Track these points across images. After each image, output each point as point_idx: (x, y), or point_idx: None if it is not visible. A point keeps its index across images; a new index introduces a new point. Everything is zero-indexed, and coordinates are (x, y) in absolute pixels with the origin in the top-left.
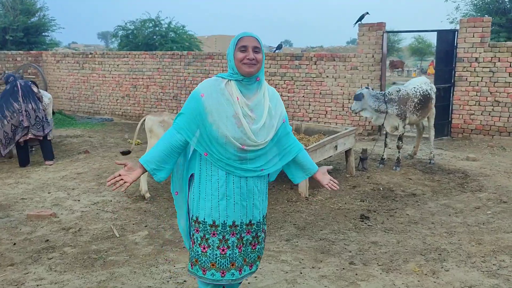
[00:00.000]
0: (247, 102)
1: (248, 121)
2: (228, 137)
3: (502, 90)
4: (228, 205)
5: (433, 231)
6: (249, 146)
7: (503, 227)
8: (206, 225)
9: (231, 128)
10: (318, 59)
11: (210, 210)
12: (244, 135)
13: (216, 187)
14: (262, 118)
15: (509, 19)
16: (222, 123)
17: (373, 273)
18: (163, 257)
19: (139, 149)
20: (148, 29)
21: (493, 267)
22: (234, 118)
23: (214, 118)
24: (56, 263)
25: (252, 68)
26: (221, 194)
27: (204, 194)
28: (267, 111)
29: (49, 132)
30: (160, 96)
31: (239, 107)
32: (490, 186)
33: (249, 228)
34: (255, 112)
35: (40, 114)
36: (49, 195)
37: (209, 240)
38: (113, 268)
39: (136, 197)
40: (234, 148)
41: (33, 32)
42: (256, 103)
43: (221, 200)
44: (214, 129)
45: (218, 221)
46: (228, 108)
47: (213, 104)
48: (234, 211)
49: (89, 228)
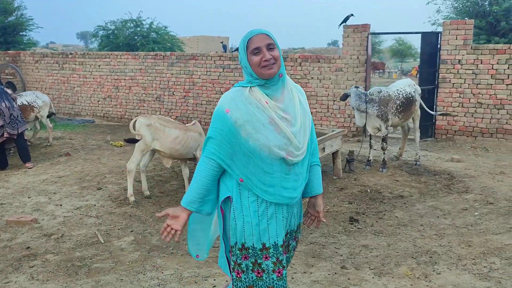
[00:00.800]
0: (277, 105)
1: (286, 124)
2: (271, 148)
3: (484, 92)
4: (277, 224)
5: (422, 234)
6: (293, 157)
7: (491, 228)
8: (256, 250)
9: (271, 137)
10: (303, 61)
11: (258, 235)
12: (287, 140)
13: (264, 208)
14: (298, 118)
15: (488, 22)
16: (259, 134)
17: (366, 277)
18: (150, 264)
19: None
20: (129, 30)
21: (484, 269)
22: (271, 124)
23: (248, 131)
24: (38, 272)
25: (273, 69)
26: (270, 214)
27: (249, 218)
28: (299, 107)
29: (23, 131)
30: (143, 97)
31: (272, 112)
32: (476, 187)
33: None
34: (289, 113)
35: (15, 112)
36: (29, 199)
37: (263, 265)
38: (99, 275)
39: (120, 201)
40: (279, 160)
41: (10, 32)
42: (286, 102)
43: (270, 220)
44: (251, 143)
45: (268, 243)
46: (260, 116)
47: (242, 116)
48: (283, 227)
49: (72, 234)
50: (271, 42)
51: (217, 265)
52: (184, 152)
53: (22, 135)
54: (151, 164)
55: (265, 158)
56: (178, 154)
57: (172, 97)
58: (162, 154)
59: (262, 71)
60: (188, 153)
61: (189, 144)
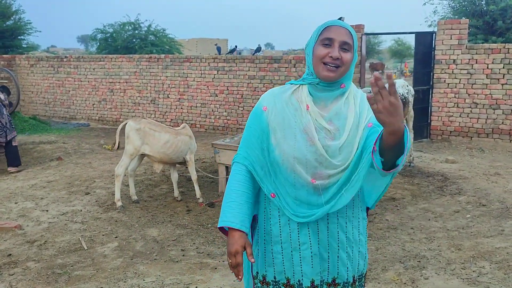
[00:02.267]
0: (321, 112)
1: (325, 136)
2: (292, 162)
3: (480, 92)
4: (303, 258)
5: (412, 237)
6: (324, 178)
7: (483, 231)
8: (280, 284)
9: (299, 146)
10: (297, 62)
11: (281, 266)
12: (317, 156)
13: (287, 233)
14: (345, 131)
15: (486, 22)
16: (286, 143)
17: None
18: (132, 271)
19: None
20: (127, 32)
21: (473, 274)
22: (305, 133)
23: (277, 137)
24: (17, 279)
25: (334, 73)
26: (294, 242)
27: (271, 244)
28: (352, 119)
29: (13, 138)
30: (138, 100)
31: (310, 118)
32: (469, 189)
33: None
34: (335, 124)
35: (3, 120)
36: (16, 205)
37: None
38: (78, 283)
39: (107, 206)
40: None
41: (8, 36)
42: (335, 111)
43: (294, 251)
44: (277, 154)
45: (293, 280)
46: (295, 120)
47: (276, 118)
48: (312, 266)
49: (55, 240)
50: (348, 42)
51: (200, 271)
52: (175, 156)
53: (10, 142)
54: (141, 168)
55: (288, 176)
56: (168, 159)
57: (167, 100)
58: (152, 158)
59: (320, 68)
60: (179, 157)
61: (179, 148)
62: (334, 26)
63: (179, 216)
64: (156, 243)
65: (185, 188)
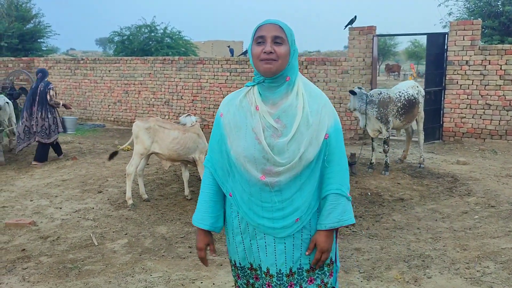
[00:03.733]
0: (270, 110)
1: (272, 134)
2: (242, 161)
3: (493, 93)
4: (260, 247)
5: (418, 237)
6: (271, 175)
7: (489, 232)
8: (245, 269)
9: (248, 146)
10: (309, 63)
11: (243, 253)
12: (264, 153)
13: (245, 225)
14: (293, 127)
15: (501, 22)
16: (237, 144)
17: (354, 280)
18: (140, 266)
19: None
20: (143, 35)
21: (477, 273)
22: (253, 133)
23: (231, 139)
24: (30, 273)
25: (271, 65)
26: (251, 233)
27: (234, 234)
28: (300, 117)
29: (55, 139)
30: (152, 102)
31: (259, 118)
32: (479, 190)
33: (291, 279)
34: (283, 121)
35: (47, 122)
36: (31, 202)
37: (255, 285)
38: (88, 278)
39: (119, 204)
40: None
41: (28, 39)
42: (284, 109)
43: (252, 240)
44: (231, 154)
45: (255, 264)
46: (245, 122)
47: (230, 122)
48: (266, 255)
49: (67, 236)
50: (279, 36)
51: (205, 268)
52: (183, 153)
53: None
54: (153, 168)
55: (243, 173)
56: (177, 156)
57: (181, 101)
58: (161, 156)
59: (258, 64)
60: (187, 154)
61: (187, 144)
62: (265, 25)
63: (188, 215)
64: (164, 240)
65: (196, 187)
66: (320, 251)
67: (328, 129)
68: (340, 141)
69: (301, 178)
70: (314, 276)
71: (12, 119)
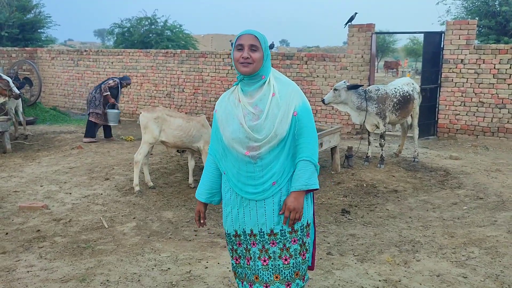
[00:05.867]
0: (249, 101)
1: (251, 118)
2: (231, 142)
3: (486, 91)
4: (245, 213)
5: (409, 225)
6: (255, 150)
7: (476, 221)
8: (231, 236)
9: (234, 130)
10: (309, 59)
11: (231, 222)
12: (247, 134)
13: (234, 197)
14: (265, 110)
15: (498, 22)
16: (227, 130)
17: (349, 262)
18: (149, 247)
19: (133, 145)
20: (144, 27)
21: (462, 257)
22: (237, 119)
23: (223, 127)
24: (46, 251)
25: (247, 68)
26: (239, 202)
27: (225, 206)
28: (270, 101)
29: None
30: (154, 94)
31: (241, 108)
32: (469, 183)
33: (273, 238)
34: (259, 107)
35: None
36: (42, 188)
37: (238, 251)
38: (101, 256)
39: (126, 190)
40: (242, 156)
41: (28, 29)
42: (260, 98)
43: (239, 208)
44: (223, 139)
45: (239, 230)
46: (233, 113)
47: (222, 115)
48: (250, 218)
49: (79, 219)
50: (254, 44)
51: (210, 249)
52: (187, 140)
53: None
54: (157, 157)
55: (232, 152)
56: (181, 143)
57: (182, 94)
58: (167, 144)
59: (238, 66)
60: (191, 142)
61: (190, 132)
62: (244, 35)
63: (192, 201)
64: (171, 224)
65: (199, 176)
66: (287, 209)
67: (296, 108)
68: (309, 117)
69: (277, 149)
70: (297, 237)
71: (19, 108)
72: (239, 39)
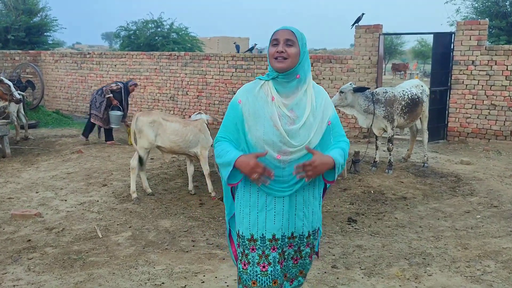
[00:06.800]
0: (284, 102)
1: (286, 122)
2: (261, 143)
3: (498, 94)
4: (267, 217)
5: (420, 235)
6: (287, 155)
7: (491, 231)
8: (245, 239)
9: (267, 131)
10: (314, 61)
11: (248, 224)
12: (281, 138)
13: (255, 198)
14: (303, 117)
15: (509, 23)
16: (256, 129)
17: (355, 277)
18: (143, 259)
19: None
20: (150, 30)
21: (477, 272)
22: (271, 120)
23: (250, 124)
24: (35, 263)
25: (282, 63)
26: (261, 205)
27: (242, 207)
28: (310, 109)
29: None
30: (157, 97)
31: (275, 108)
32: (482, 190)
33: (291, 241)
34: (295, 112)
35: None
36: (37, 194)
37: (249, 256)
38: (92, 269)
39: (123, 197)
40: (269, 159)
41: (35, 32)
42: (296, 101)
43: (260, 212)
44: (249, 137)
45: (256, 235)
46: (263, 110)
47: (249, 109)
48: (274, 223)
49: (72, 228)
50: (290, 39)
51: (208, 261)
52: (183, 145)
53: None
54: (157, 162)
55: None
56: (178, 148)
57: (186, 97)
58: (163, 149)
59: (272, 62)
60: (188, 147)
61: (187, 137)
62: (280, 30)
63: (191, 209)
64: (168, 233)
65: (200, 182)
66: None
67: (330, 117)
68: (339, 124)
69: (307, 156)
70: (310, 241)
71: (21, 111)
72: (275, 34)
